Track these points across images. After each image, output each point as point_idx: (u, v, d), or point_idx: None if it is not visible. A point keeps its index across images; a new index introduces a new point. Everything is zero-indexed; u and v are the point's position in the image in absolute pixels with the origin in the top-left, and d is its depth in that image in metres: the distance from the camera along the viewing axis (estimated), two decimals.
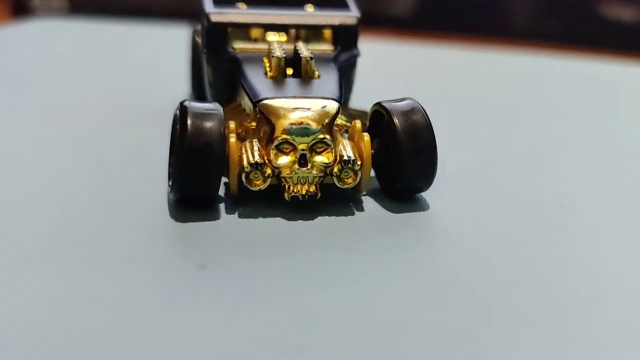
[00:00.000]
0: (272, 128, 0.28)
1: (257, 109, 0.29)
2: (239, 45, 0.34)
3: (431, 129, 0.29)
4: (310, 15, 0.34)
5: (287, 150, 0.28)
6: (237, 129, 0.30)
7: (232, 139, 0.28)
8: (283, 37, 0.35)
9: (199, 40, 0.40)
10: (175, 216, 0.28)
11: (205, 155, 0.27)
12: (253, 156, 0.28)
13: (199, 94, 0.40)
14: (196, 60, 0.40)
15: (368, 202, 0.30)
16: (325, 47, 0.34)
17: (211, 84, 0.35)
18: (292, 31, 0.35)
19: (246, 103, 0.31)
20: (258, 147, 0.28)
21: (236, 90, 0.33)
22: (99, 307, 0.23)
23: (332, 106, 0.29)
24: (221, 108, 0.29)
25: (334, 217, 0.29)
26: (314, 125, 0.28)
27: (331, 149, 0.28)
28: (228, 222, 0.28)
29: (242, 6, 0.37)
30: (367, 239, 0.27)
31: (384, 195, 0.31)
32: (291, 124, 0.28)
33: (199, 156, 0.27)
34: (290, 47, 0.33)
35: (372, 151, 0.30)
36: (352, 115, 0.33)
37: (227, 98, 0.34)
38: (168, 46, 0.54)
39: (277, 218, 0.29)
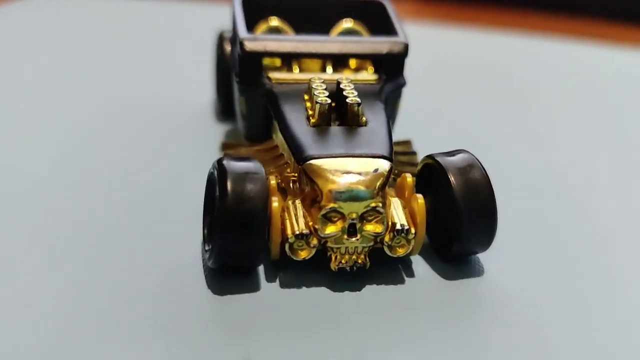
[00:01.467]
0: (319, 193, 0.25)
1: (301, 170, 0.26)
2: (275, 75, 0.31)
3: (491, 188, 0.26)
4: (354, 42, 0.31)
5: (335, 219, 0.25)
6: (278, 182, 0.28)
7: (275, 203, 0.26)
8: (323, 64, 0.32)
9: (227, 48, 0.37)
10: (211, 284, 0.26)
11: (248, 226, 0.25)
12: (298, 224, 0.25)
13: (224, 105, 0.37)
14: (222, 68, 0.37)
15: (418, 264, 0.28)
16: (369, 77, 0.31)
17: (244, 116, 0.32)
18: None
19: (284, 148, 0.28)
20: (303, 212, 0.26)
21: (272, 127, 0.30)
22: None
23: (384, 167, 0.26)
24: (263, 169, 0.26)
25: (383, 285, 0.27)
26: (365, 192, 0.25)
27: (383, 216, 0.25)
28: (269, 293, 0.26)
29: (278, 24, 0.34)
30: (419, 315, 0.25)
31: (435, 255, 0.28)
32: (340, 191, 0.25)
33: (242, 226, 0.25)
34: (333, 79, 0.30)
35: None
36: (399, 160, 0.30)
37: (262, 134, 0.31)
38: (190, 28, 0.50)
39: (322, 288, 0.26)
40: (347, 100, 0.28)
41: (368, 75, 0.31)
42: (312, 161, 0.26)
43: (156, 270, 0.27)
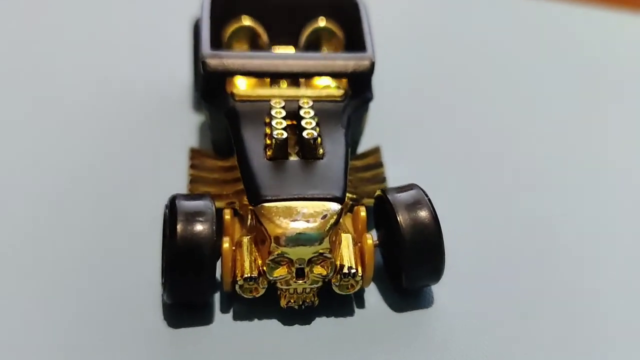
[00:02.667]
0: (267, 237, 0.26)
1: (252, 211, 0.27)
2: (238, 92, 0.30)
3: (438, 227, 0.27)
4: (319, 60, 0.30)
5: (283, 263, 0.26)
6: (236, 208, 0.29)
7: (226, 244, 0.26)
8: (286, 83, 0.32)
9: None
10: (167, 314, 0.27)
11: (197, 267, 0.26)
12: (247, 267, 0.26)
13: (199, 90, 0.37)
14: (198, 58, 0.37)
15: (370, 294, 0.28)
16: (334, 93, 0.31)
17: (209, 127, 0.32)
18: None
19: (241, 176, 0.28)
20: (253, 252, 0.26)
21: (233, 149, 0.30)
22: None
23: (335, 210, 0.26)
24: (213, 209, 0.27)
25: (333, 318, 0.27)
26: (313, 238, 0.26)
27: (330, 260, 0.26)
28: (222, 325, 0.27)
29: (250, 23, 0.34)
30: (368, 347, 0.26)
31: (389, 283, 0.29)
32: (288, 237, 0.25)
33: (190, 267, 0.25)
34: (297, 95, 0.30)
35: (377, 242, 0.28)
36: (363, 177, 0.31)
37: (226, 148, 0.31)
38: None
39: (274, 320, 0.27)
40: (304, 133, 0.28)
41: (333, 91, 0.31)
42: (264, 204, 0.26)
43: (113, 294, 0.28)
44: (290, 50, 0.34)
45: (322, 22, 0.34)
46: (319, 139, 0.28)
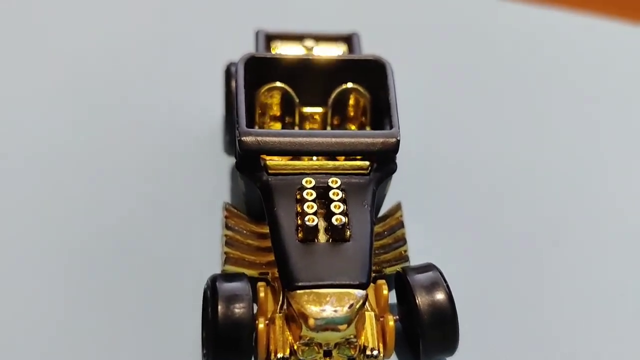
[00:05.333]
0: (298, 320, 0.29)
1: (284, 291, 0.29)
2: (271, 163, 0.33)
3: (453, 307, 0.30)
4: (348, 138, 0.32)
5: (312, 344, 0.29)
6: (269, 279, 0.31)
7: (261, 325, 0.29)
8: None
9: (232, 84, 0.38)
10: None
11: (236, 346, 0.29)
12: (280, 347, 0.29)
13: (231, 140, 0.39)
14: (230, 103, 0.39)
15: None
16: (360, 164, 0.33)
17: (243, 193, 0.34)
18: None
19: (274, 254, 0.31)
20: (286, 335, 0.29)
21: (265, 215, 0.32)
22: None
23: (361, 296, 0.29)
24: (250, 290, 0.29)
25: None
26: (341, 325, 0.28)
27: (355, 344, 0.29)
28: None
29: (281, 85, 0.35)
30: None
31: (407, 352, 0.32)
32: (318, 325, 0.28)
33: (230, 346, 0.29)
34: (327, 166, 0.32)
35: (397, 318, 0.31)
36: (384, 259, 0.33)
37: (259, 211, 0.33)
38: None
39: None
40: (334, 219, 0.30)
41: (359, 162, 0.33)
42: (296, 291, 0.29)
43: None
44: (318, 109, 0.36)
45: (349, 84, 0.36)
46: (347, 219, 0.31)
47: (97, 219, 0.36)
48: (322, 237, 0.31)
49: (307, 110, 0.36)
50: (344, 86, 0.36)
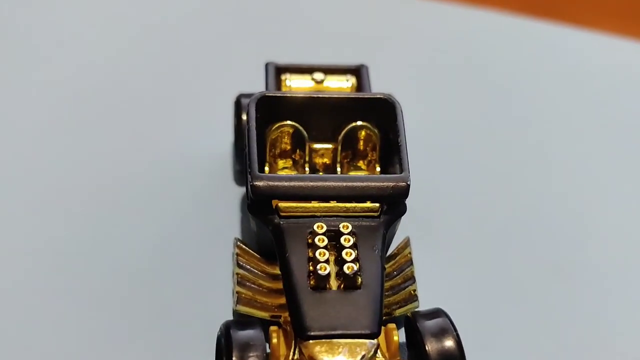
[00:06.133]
0: None
1: (296, 338, 0.30)
2: (283, 205, 0.33)
3: (462, 353, 0.30)
4: (359, 182, 0.33)
5: None
6: (280, 322, 0.32)
7: None
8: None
9: (244, 117, 0.39)
10: None
11: None
12: None
13: (241, 171, 0.40)
14: (240, 134, 0.39)
15: None
16: (370, 206, 0.33)
17: (254, 232, 0.35)
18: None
19: (286, 300, 0.31)
20: None
21: (276, 255, 0.33)
22: None
23: (372, 345, 0.30)
24: (264, 339, 0.30)
25: None
26: None
27: None
28: None
29: (292, 123, 0.36)
30: None
31: None
32: None
33: None
34: (338, 208, 0.33)
35: None
36: (394, 310, 0.34)
37: (270, 251, 0.34)
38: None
39: None
40: (345, 267, 0.31)
41: (370, 204, 0.33)
42: (309, 341, 0.29)
43: None
44: (328, 145, 0.37)
45: (359, 122, 0.36)
46: (358, 265, 0.31)
47: (102, 257, 0.36)
48: (333, 284, 0.31)
49: (317, 146, 0.37)
50: (353, 124, 0.36)
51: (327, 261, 0.31)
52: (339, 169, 0.37)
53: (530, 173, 0.42)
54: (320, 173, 0.37)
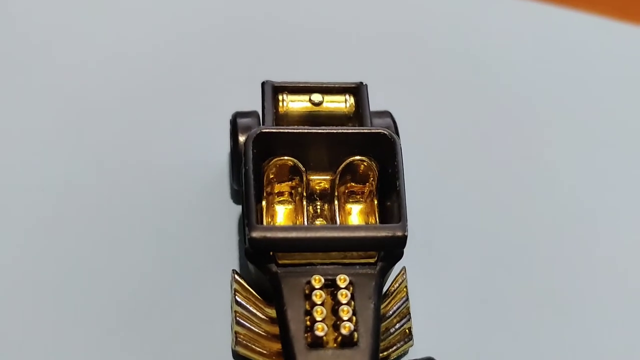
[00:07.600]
0: None
1: None
2: (283, 258, 0.33)
3: None
4: (356, 232, 0.33)
5: None
6: None
7: None
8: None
9: (240, 138, 0.38)
10: None
11: None
12: None
13: (238, 190, 0.39)
14: (236, 155, 0.38)
15: None
16: (367, 253, 0.34)
17: (253, 275, 0.35)
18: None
19: (281, 342, 0.32)
20: None
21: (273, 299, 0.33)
22: None
23: None
24: None
25: None
26: None
27: None
28: None
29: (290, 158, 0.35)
30: None
31: None
32: None
33: None
34: (336, 257, 0.33)
35: None
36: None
37: (268, 296, 0.34)
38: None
39: None
40: (342, 327, 0.31)
41: (367, 252, 0.34)
42: None
43: None
44: (326, 177, 0.36)
45: (357, 156, 0.36)
46: (355, 320, 0.32)
47: (95, 279, 0.37)
48: (330, 339, 0.32)
49: (315, 177, 0.37)
50: (352, 158, 0.36)
51: (324, 320, 0.32)
52: (336, 202, 0.37)
53: (530, 197, 0.42)
54: (318, 203, 0.37)
